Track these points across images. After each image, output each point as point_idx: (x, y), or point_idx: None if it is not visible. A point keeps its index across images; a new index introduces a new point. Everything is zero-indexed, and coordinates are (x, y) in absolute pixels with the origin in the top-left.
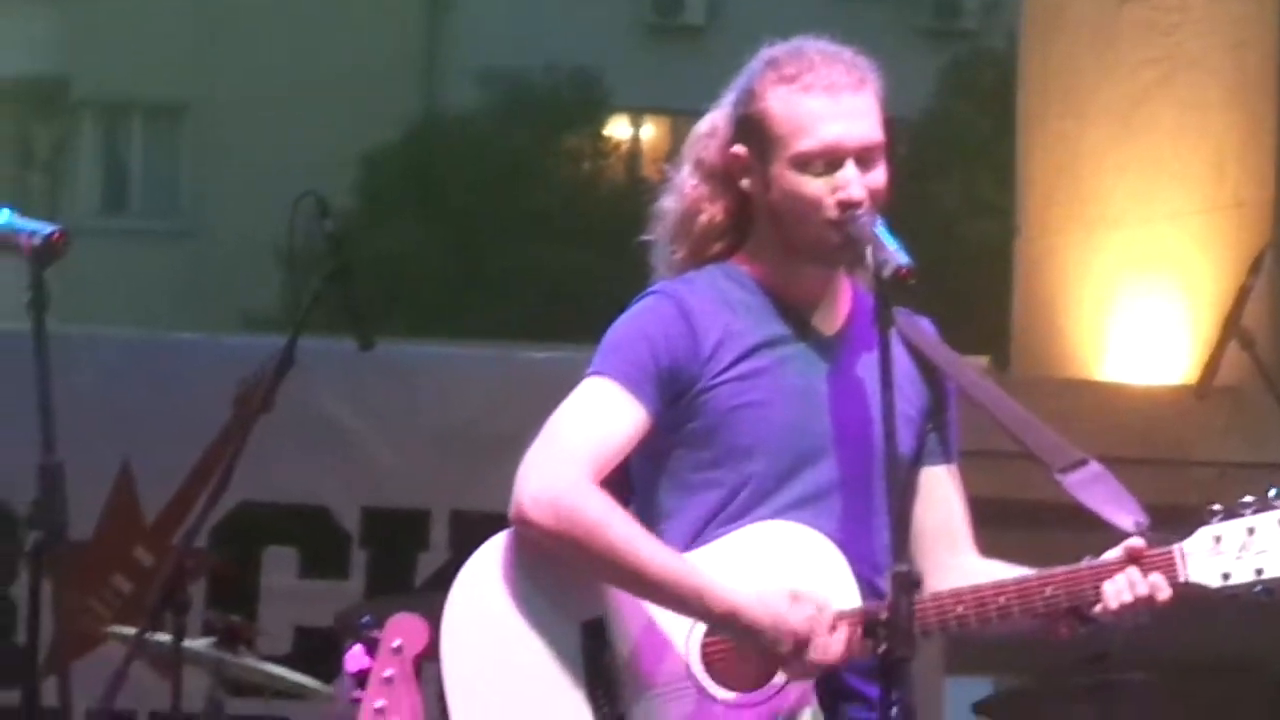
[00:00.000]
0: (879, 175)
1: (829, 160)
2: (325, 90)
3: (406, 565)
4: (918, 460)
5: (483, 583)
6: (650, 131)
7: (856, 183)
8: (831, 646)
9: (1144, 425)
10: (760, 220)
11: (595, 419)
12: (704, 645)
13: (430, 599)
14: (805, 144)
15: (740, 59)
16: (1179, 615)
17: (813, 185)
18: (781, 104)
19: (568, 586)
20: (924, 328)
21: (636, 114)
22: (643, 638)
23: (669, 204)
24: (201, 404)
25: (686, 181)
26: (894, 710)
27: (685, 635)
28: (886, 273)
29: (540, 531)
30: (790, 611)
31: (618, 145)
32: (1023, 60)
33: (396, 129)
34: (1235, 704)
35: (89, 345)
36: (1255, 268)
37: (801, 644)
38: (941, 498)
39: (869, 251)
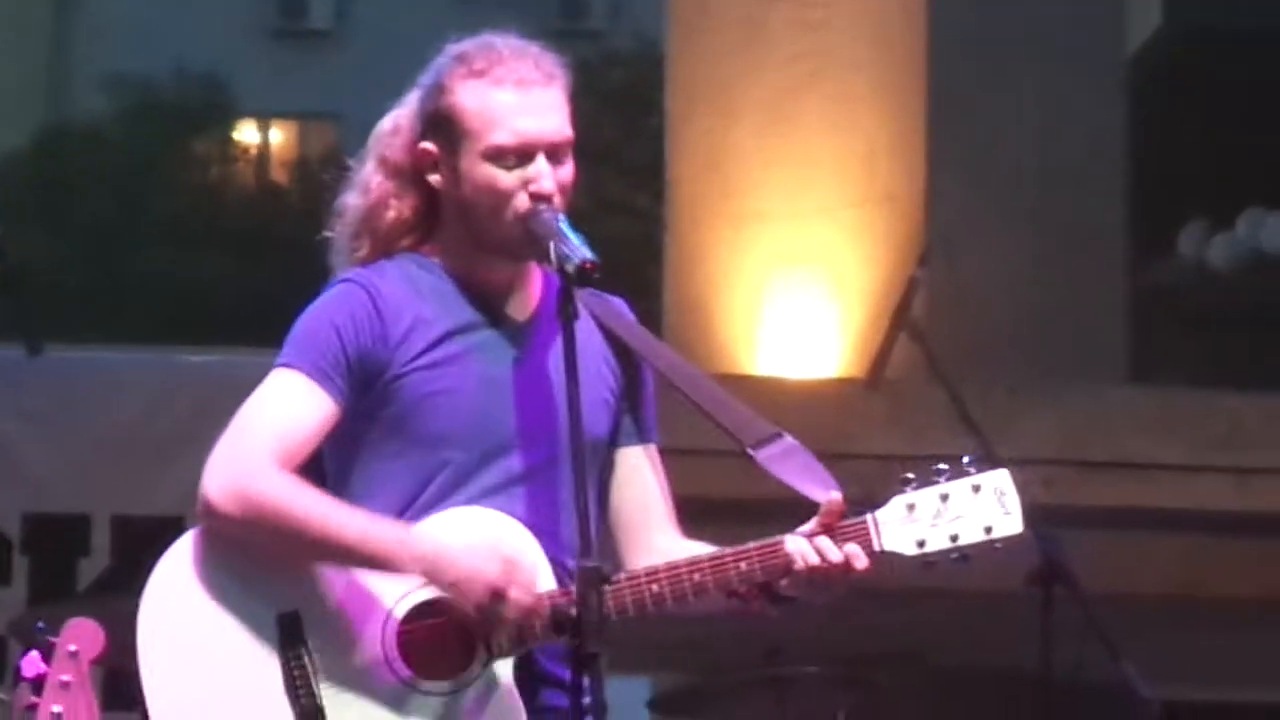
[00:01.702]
0: (568, 171)
1: (520, 154)
2: None
3: (68, 571)
4: (614, 441)
5: (176, 581)
6: (278, 136)
7: (548, 176)
8: (525, 601)
9: (803, 419)
10: (448, 214)
11: (281, 411)
12: (400, 633)
13: (96, 603)
14: (497, 137)
15: (367, 63)
16: (848, 609)
17: (505, 178)
18: (473, 98)
19: (261, 580)
20: (617, 307)
21: (264, 119)
22: (338, 627)
23: (352, 200)
24: None
25: (372, 178)
26: (586, 699)
27: (381, 623)
28: (570, 267)
29: (229, 521)
30: (488, 563)
31: (246, 150)
32: (669, 56)
33: (22, 136)
34: (900, 693)
35: None
36: (923, 260)
37: (498, 595)
38: (638, 478)
39: (552, 246)
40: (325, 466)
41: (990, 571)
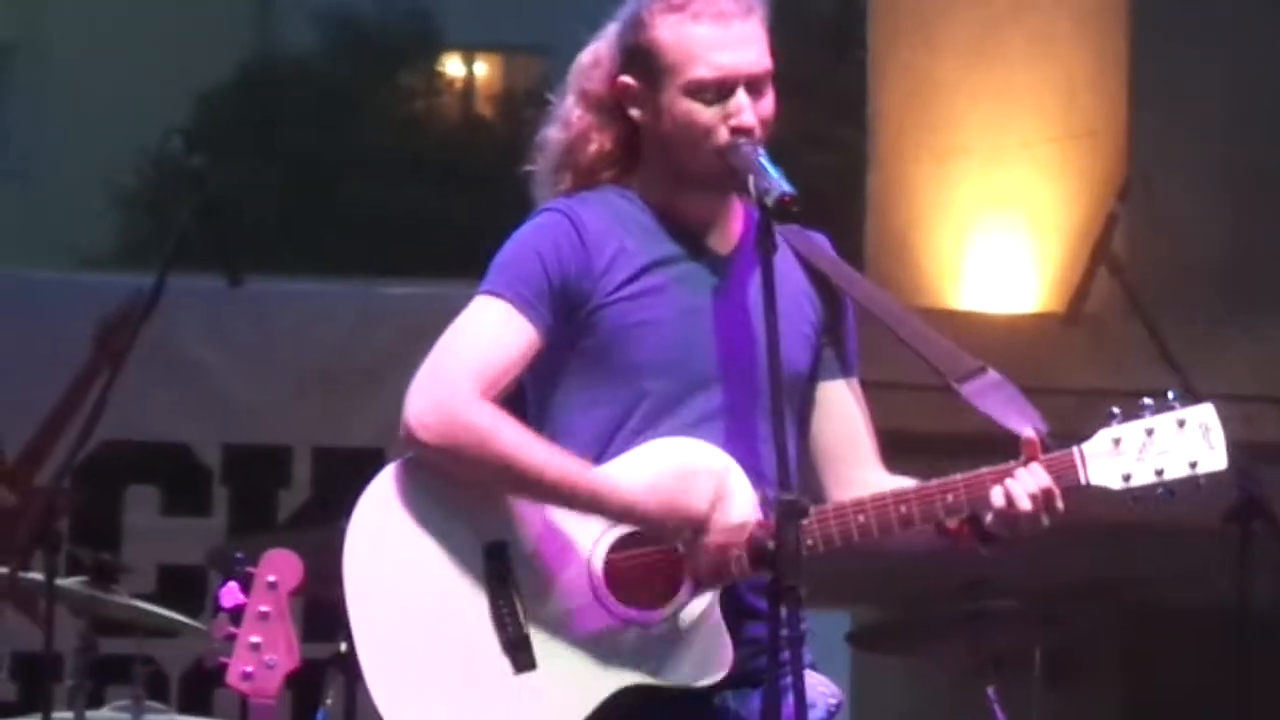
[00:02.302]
0: (768, 103)
1: (720, 88)
2: (158, 30)
3: (268, 502)
4: (814, 376)
5: (381, 510)
6: (484, 69)
7: (748, 109)
8: (730, 525)
9: (1005, 353)
10: (649, 148)
11: (485, 337)
12: (607, 562)
13: (296, 535)
14: (697, 72)
15: None
16: (1045, 543)
17: (705, 113)
18: (671, 32)
19: (467, 510)
20: (818, 242)
21: (470, 51)
22: (545, 557)
23: (553, 134)
24: (57, 343)
25: (572, 111)
26: (785, 631)
27: (588, 553)
28: (769, 200)
29: (432, 449)
30: (681, 493)
31: (451, 82)
32: None
33: (231, 68)
34: (1096, 629)
35: None
36: (1123, 194)
37: (699, 526)
38: (841, 412)
39: (751, 180)
40: (526, 394)
41: (1188, 507)
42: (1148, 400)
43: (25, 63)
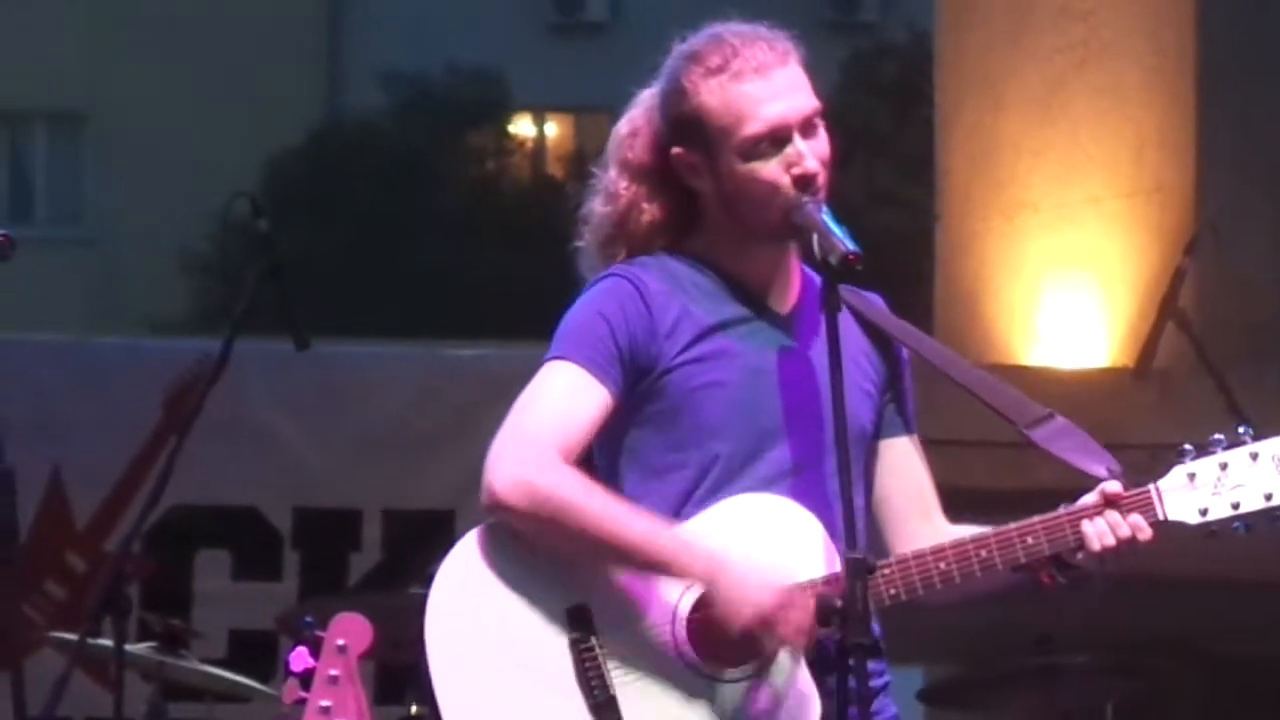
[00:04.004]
0: (824, 142)
1: (774, 139)
2: (227, 94)
3: (339, 565)
4: (878, 433)
5: (464, 575)
6: (554, 129)
7: (809, 155)
8: (792, 633)
9: (1075, 409)
10: (710, 212)
11: (559, 402)
12: (690, 620)
13: (366, 598)
14: (750, 129)
15: (642, 55)
16: (1116, 597)
17: (766, 169)
18: (716, 96)
19: (549, 573)
20: (875, 302)
21: (539, 112)
22: (627, 617)
23: (599, 208)
24: (128, 408)
25: (617, 183)
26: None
27: (671, 611)
28: (834, 259)
29: (515, 514)
30: (761, 590)
31: (522, 143)
32: (938, 49)
33: (299, 131)
34: (1170, 682)
35: (13, 351)
36: (1190, 248)
37: (766, 624)
38: (907, 467)
39: (816, 240)
40: (595, 459)
41: (1265, 559)
42: (1218, 436)
43: (96, 131)
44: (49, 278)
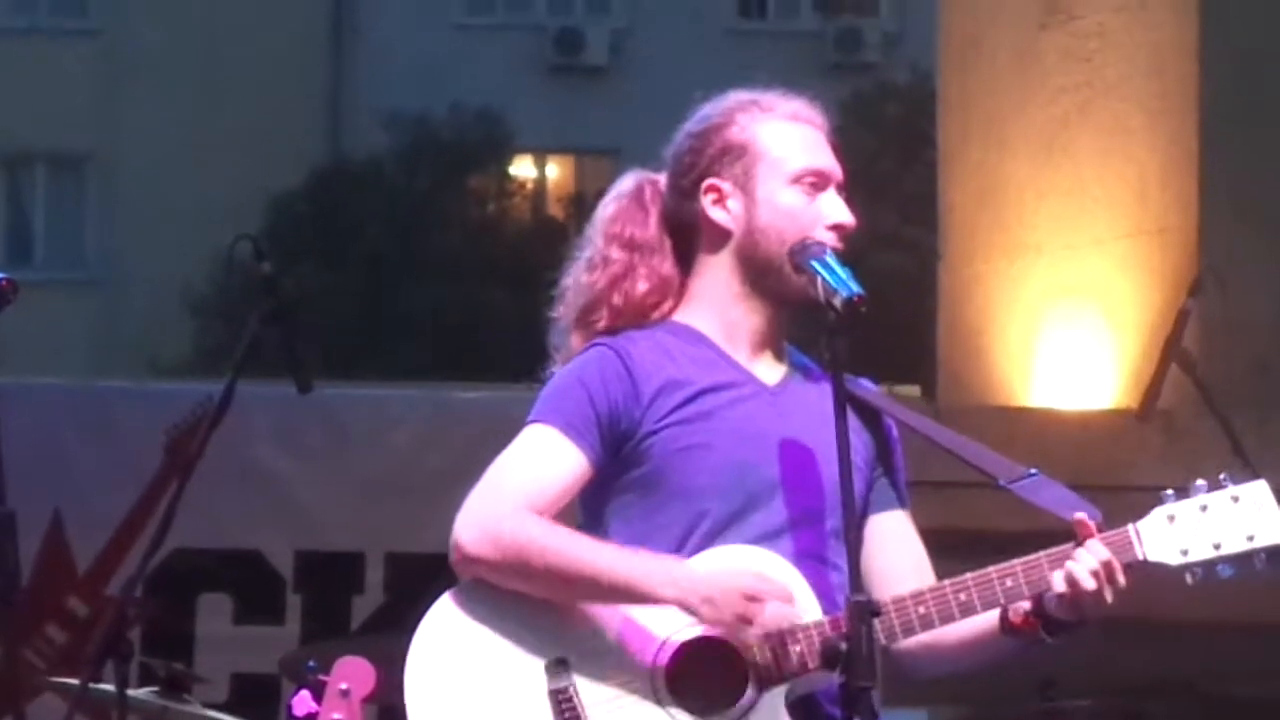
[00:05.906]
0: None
1: (818, 183)
2: (229, 136)
3: (342, 609)
4: (867, 509)
5: (442, 637)
6: (555, 171)
7: (845, 210)
8: (778, 609)
9: (1078, 451)
10: (713, 262)
11: (531, 462)
12: (669, 669)
13: (369, 642)
14: (805, 162)
15: (642, 97)
16: (1118, 641)
17: (806, 208)
18: (769, 130)
19: (528, 629)
20: (863, 385)
21: (541, 154)
22: (606, 668)
23: (585, 278)
24: (130, 451)
25: (606, 252)
26: None
27: (650, 661)
28: (838, 302)
29: (485, 565)
30: (740, 577)
31: (523, 184)
32: (941, 90)
33: (301, 172)
34: None
35: (15, 393)
36: (1193, 290)
37: (750, 599)
38: (901, 540)
39: (819, 282)
40: (581, 529)
41: (1270, 601)
42: (1200, 481)
43: (98, 172)
44: (50, 320)
